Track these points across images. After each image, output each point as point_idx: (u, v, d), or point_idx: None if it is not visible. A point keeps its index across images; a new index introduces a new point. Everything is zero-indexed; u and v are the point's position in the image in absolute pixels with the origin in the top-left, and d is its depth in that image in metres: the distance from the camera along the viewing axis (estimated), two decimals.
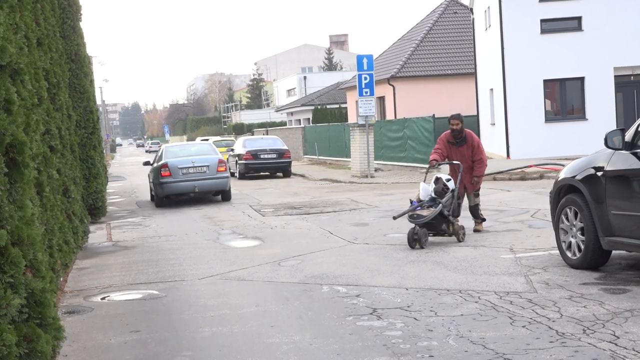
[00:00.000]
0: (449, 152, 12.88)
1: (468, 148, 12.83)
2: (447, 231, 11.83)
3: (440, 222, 11.72)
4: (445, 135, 12.99)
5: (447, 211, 11.73)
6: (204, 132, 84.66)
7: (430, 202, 11.75)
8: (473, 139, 12.92)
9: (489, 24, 34.23)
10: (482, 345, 6.34)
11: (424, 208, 11.67)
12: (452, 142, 12.88)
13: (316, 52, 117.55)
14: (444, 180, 12.07)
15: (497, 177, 23.46)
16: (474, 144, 12.85)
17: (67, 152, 12.45)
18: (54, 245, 8.86)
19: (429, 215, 11.47)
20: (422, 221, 11.47)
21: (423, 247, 11.34)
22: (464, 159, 12.77)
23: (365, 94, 27.87)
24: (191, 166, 22.00)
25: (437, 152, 12.82)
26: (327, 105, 60.10)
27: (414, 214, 11.60)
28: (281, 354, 6.50)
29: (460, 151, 12.83)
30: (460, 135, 12.83)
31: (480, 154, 12.86)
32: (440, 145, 12.92)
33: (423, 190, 12.05)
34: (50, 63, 11.15)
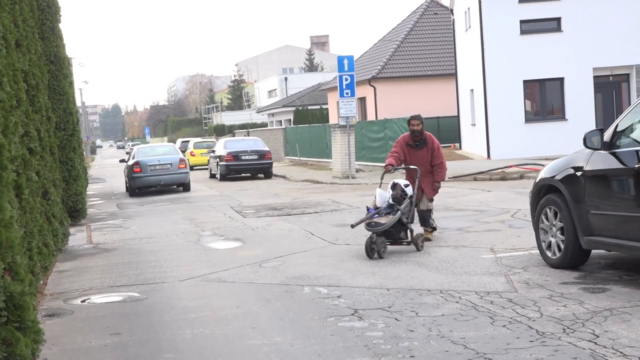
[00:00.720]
0: (407, 156, 12.22)
1: (428, 151, 12.19)
2: (405, 239, 11.25)
3: (399, 230, 11.14)
4: (404, 138, 12.36)
5: (406, 219, 11.16)
6: (184, 134, 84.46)
7: (388, 209, 11.16)
8: (433, 141, 12.27)
9: (469, 24, 34.37)
10: (462, 345, 6.36)
11: (381, 215, 11.04)
12: (411, 145, 12.22)
13: (297, 53, 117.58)
14: (402, 186, 11.50)
15: (477, 177, 23.55)
16: (434, 147, 12.21)
17: (47, 154, 12.38)
18: (33, 248, 8.81)
19: (387, 223, 10.84)
20: (380, 229, 10.83)
21: (382, 257, 10.71)
22: (422, 162, 12.15)
23: (346, 94, 27.90)
24: (157, 164, 27.37)
25: (393, 155, 12.12)
26: (308, 106, 60.16)
27: (372, 222, 10.95)
28: (262, 355, 6.49)
29: (419, 154, 12.19)
30: (420, 137, 12.19)
31: (441, 157, 12.28)
32: (397, 149, 12.24)
33: (379, 196, 11.47)
34: (29, 65, 11.09)
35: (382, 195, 11.48)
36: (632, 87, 31.13)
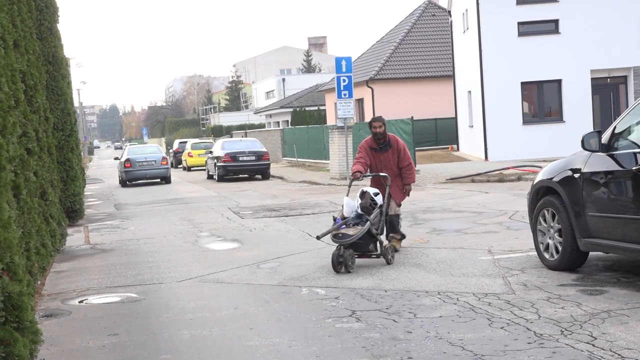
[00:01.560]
0: (372, 160, 11.57)
1: (393, 153, 11.55)
2: (374, 252, 10.47)
3: (368, 241, 10.34)
4: (367, 142, 11.67)
5: (375, 229, 10.38)
6: (182, 134, 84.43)
7: (356, 220, 10.38)
8: (398, 143, 11.65)
9: (466, 26, 34.42)
10: (460, 347, 6.36)
11: (349, 226, 10.24)
12: (375, 149, 11.58)
13: (295, 54, 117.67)
14: (372, 195, 10.71)
15: (475, 179, 23.56)
16: (399, 149, 11.58)
17: (45, 155, 12.38)
18: (31, 248, 8.81)
19: (356, 234, 10.02)
20: (348, 241, 10.00)
21: (350, 271, 9.91)
22: (389, 165, 11.52)
23: (344, 96, 27.89)
24: (145, 160, 33.87)
25: (359, 161, 11.41)
26: (306, 107, 60.17)
27: (339, 234, 10.11)
28: (260, 356, 6.49)
29: (384, 158, 11.55)
30: (383, 140, 11.55)
31: (408, 158, 11.66)
32: (362, 154, 11.54)
33: (347, 205, 10.66)
34: (27, 65, 11.08)
35: (349, 205, 10.68)
36: (629, 89, 31.21)
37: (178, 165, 52.31)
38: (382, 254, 10.39)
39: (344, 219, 10.49)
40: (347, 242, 10.04)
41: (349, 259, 9.99)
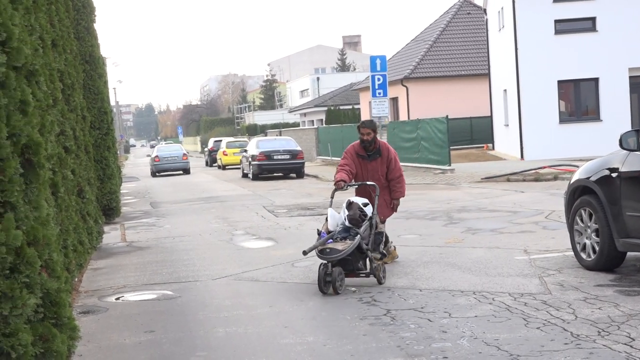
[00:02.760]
0: (359, 169, 10.46)
1: (382, 163, 10.47)
2: (363, 270, 9.25)
3: (357, 258, 9.17)
4: (354, 148, 10.55)
5: (366, 244, 9.21)
6: (217, 133, 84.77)
7: (344, 233, 9.21)
8: (389, 151, 10.55)
9: (502, 24, 34.17)
10: (496, 347, 6.32)
11: (336, 241, 9.06)
12: (362, 156, 10.45)
13: (329, 53, 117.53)
14: (360, 205, 9.58)
15: (511, 178, 23.40)
16: (390, 158, 10.48)
17: (82, 153, 12.50)
18: (68, 246, 8.90)
19: (346, 249, 8.82)
20: (337, 257, 8.78)
21: (339, 293, 8.74)
22: (376, 176, 10.42)
23: (378, 94, 27.85)
24: (169, 156, 43.99)
25: (344, 169, 10.27)
26: (340, 106, 60.13)
27: (326, 249, 8.88)
28: (295, 354, 6.50)
29: (372, 167, 10.45)
30: (372, 147, 10.42)
31: (399, 170, 10.60)
32: (347, 161, 10.42)
33: (332, 218, 9.52)
34: (64, 64, 11.20)
35: (335, 217, 9.54)
36: None
37: (213, 164, 52.51)
38: (373, 272, 9.15)
39: (329, 232, 9.32)
40: (336, 258, 8.78)
41: (338, 278, 8.79)
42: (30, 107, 5.17)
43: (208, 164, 54.35)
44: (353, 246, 8.91)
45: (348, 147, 10.65)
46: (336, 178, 10.13)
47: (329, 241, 9.06)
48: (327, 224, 9.48)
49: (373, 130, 10.38)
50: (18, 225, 4.77)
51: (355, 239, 9.02)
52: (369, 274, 9.19)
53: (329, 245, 8.95)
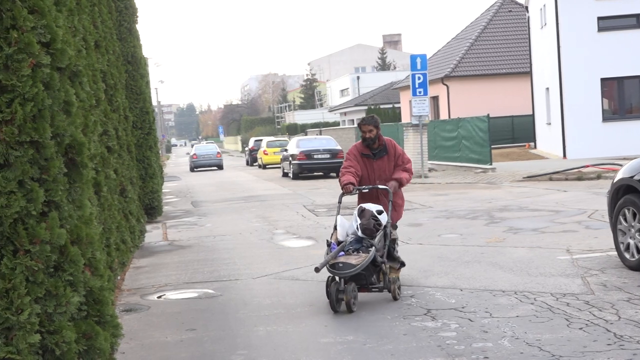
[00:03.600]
0: (364, 169, 9.40)
1: (390, 161, 9.40)
2: (376, 284, 8.41)
3: (371, 272, 8.32)
4: (357, 147, 9.54)
5: (380, 257, 8.35)
6: (257, 133, 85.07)
7: (356, 244, 8.38)
8: (395, 148, 9.50)
9: (544, 22, 33.84)
10: (538, 347, 6.27)
11: (349, 253, 8.23)
12: (367, 155, 9.40)
13: (369, 52, 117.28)
14: (374, 213, 8.71)
15: (553, 177, 23.17)
16: (397, 154, 9.46)
17: (124, 153, 12.62)
18: (111, 244, 9.00)
19: (360, 263, 7.99)
20: (351, 272, 7.95)
21: (352, 311, 7.95)
22: (384, 175, 9.35)
23: (418, 93, 27.75)
24: (205, 154, 50.97)
25: (349, 171, 9.19)
26: (381, 105, 59.98)
27: (338, 263, 8.03)
28: (335, 353, 6.51)
29: (378, 166, 9.37)
30: (376, 145, 9.39)
31: (408, 162, 9.51)
32: (351, 162, 9.37)
33: (341, 227, 8.76)
34: (107, 65, 11.32)
35: (344, 226, 8.80)
36: None
37: (254, 163, 52.70)
38: (387, 286, 8.37)
39: (339, 243, 8.55)
40: (349, 273, 7.97)
41: (351, 295, 7.99)
42: (74, 107, 5.24)
43: (249, 163, 54.55)
44: (368, 260, 8.06)
45: (350, 148, 9.64)
46: (342, 181, 9.06)
47: (341, 254, 8.22)
48: (337, 234, 8.70)
49: (375, 127, 9.35)
50: (62, 224, 4.83)
51: (369, 251, 8.20)
52: (383, 289, 8.40)
53: (341, 259, 8.07)
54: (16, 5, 4.48)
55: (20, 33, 4.48)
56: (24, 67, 4.47)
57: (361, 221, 8.59)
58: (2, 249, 4.46)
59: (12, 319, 4.38)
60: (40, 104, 4.60)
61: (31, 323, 4.45)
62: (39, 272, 4.54)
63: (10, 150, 4.43)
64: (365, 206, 8.82)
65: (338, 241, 8.58)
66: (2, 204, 4.37)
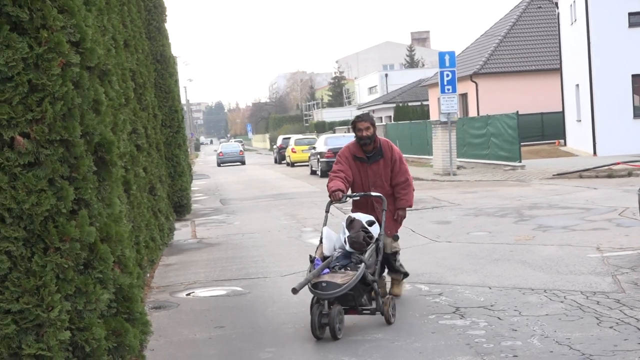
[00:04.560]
0: (357, 174, 8.37)
1: (386, 165, 8.36)
2: (367, 306, 7.34)
3: (361, 292, 7.23)
4: (350, 149, 8.48)
5: (372, 274, 7.28)
6: (286, 131, 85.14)
7: (344, 260, 7.33)
8: (393, 151, 8.43)
9: (574, 18, 33.55)
10: (567, 346, 6.22)
11: (335, 271, 7.14)
12: (360, 158, 8.36)
13: (397, 49, 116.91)
14: (365, 224, 7.60)
15: (583, 174, 22.98)
16: (394, 158, 8.38)
17: (153, 151, 12.69)
18: (141, 242, 9.05)
19: (347, 283, 6.89)
20: (336, 293, 6.85)
21: (337, 338, 6.90)
22: (379, 182, 8.34)
23: (447, 91, 27.63)
24: (230, 152, 57.85)
25: (338, 176, 8.19)
26: (409, 102, 59.83)
27: (321, 282, 6.92)
28: (363, 351, 6.50)
29: (373, 171, 8.34)
30: (372, 147, 8.36)
31: (405, 173, 8.45)
32: (342, 165, 8.34)
33: (328, 239, 7.66)
34: (136, 64, 11.39)
35: (331, 238, 7.71)
36: None
37: (282, 161, 52.75)
38: (379, 309, 7.28)
39: (325, 258, 7.45)
40: (334, 294, 6.86)
41: (336, 319, 6.92)
42: (103, 106, 5.27)
43: (277, 161, 54.63)
44: (356, 278, 6.93)
45: (342, 149, 8.60)
46: (330, 188, 8.04)
47: (325, 271, 7.08)
48: (322, 248, 7.60)
49: (372, 125, 8.33)
50: (92, 221, 4.87)
51: (358, 268, 7.08)
52: (375, 311, 7.32)
53: (326, 278, 6.94)
54: (46, 5, 4.52)
55: (50, 32, 4.52)
56: (54, 67, 4.51)
57: (349, 233, 7.44)
58: (32, 246, 4.51)
59: (43, 316, 4.42)
60: (70, 103, 4.64)
61: (61, 320, 4.49)
62: (69, 269, 4.59)
63: (40, 149, 4.47)
64: (355, 216, 7.76)
65: (323, 256, 7.46)
66: (32, 202, 4.41)
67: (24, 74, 4.41)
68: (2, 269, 4.41)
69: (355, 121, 8.41)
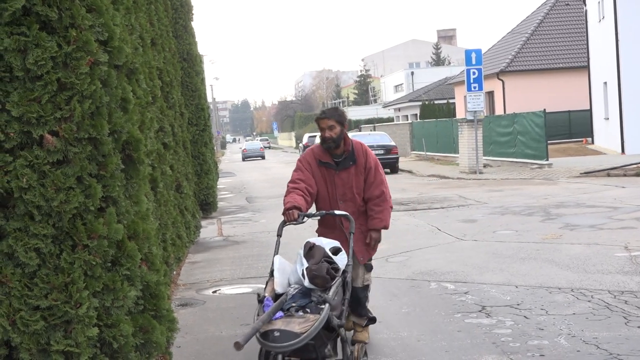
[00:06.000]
0: (322, 184, 6.66)
1: (358, 174, 6.64)
2: (333, 357, 5.57)
3: (324, 340, 5.35)
4: (313, 153, 6.70)
5: (338, 317, 5.46)
6: (311, 129, 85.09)
7: (302, 299, 5.44)
8: (367, 156, 6.71)
9: (602, 15, 33.27)
10: (595, 345, 6.18)
11: (291, 314, 5.24)
12: (326, 164, 6.60)
13: (424, 47, 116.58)
14: (328, 252, 5.85)
15: (611, 173, 22.79)
16: (368, 165, 6.67)
17: (180, 149, 12.76)
18: (167, 240, 9.10)
19: (307, 332, 4.93)
20: (293, 345, 4.92)
21: None
22: (349, 194, 6.63)
23: (473, 89, 27.53)
24: (252, 148, 70.78)
25: (296, 188, 6.47)
26: (435, 100, 59.63)
27: (273, 332, 5.01)
28: (389, 349, 6.50)
29: (342, 180, 6.61)
30: (340, 150, 6.59)
31: (381, 184, 6.66)
32: (303, 173, 6.61)
33: (280, 272, 5.86)
34: (163, 62, 11.45)
35: (285, 271, 5.93)
36: None
37: None
38: None
39: (278, 297, 5.58)
40: (290, 347, 4.94)
41: None
42: (131, 104, 5.31)
43: None
44: (319, 324, 5.00)
45: (305, 152, 6.81)
46: (285, 204, 6.34)
47: (279, 314, 5.20)
48: (273, 282, 5.73)
49: (339, 123, 6.52)
50: (119, 219, 4.91)
51: (321, 310, 5.20)
52: None
53: (279, 325, 5.04)
54: (75, 4, 4.55)
55: (78, 31, 4.56)
56: (82, 65, 4.54)
57: (309, 264, 5.65)
58: (61, 243, 4.55)
59: (71, 313, 4.46)
60: (98, 101, 4.68)
61: (89, 317, 4.53)
62: (97, 266, 4.62)
63: (69, 147, 4.51)
64: (316, 242, 6.03)
65: (275, 294, 5.60)
66: (61, 200, 4.45)
67: (52, 72, 4.45)
68: (31, 266, 4.46)
69: (318, 118, 6.60)
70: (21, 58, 4.38)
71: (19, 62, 4.37)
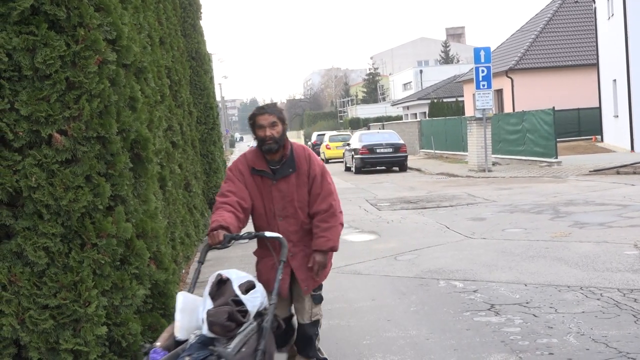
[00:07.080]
0: (256, 197, 5.49)
1: (300, 184, 5.53)
2: None
3: None
4: (246, 159, 5.57)
5: None
6: (320, 127, 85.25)
7: (200, 351, 4.09)
8: (311, 161, 5.61)
9: (611, 12, 33.16)
10: (604, 344, 6.17)
11: None
12: (261, 172, 5.47)
13: (432, 45, 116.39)
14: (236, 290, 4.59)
15: (620, 170, 22.71)
16: (312, 174, 5.57)
17: (188, 148, 12.77)
18: (176, 238, 9.12)
19: None
20: None
21: None
22: (290, 209, 5.52)
23: (482, 87, 27.48)
24: None
25: (226, 203, 5.30)
26: (444, 98, 59.55)
27: None
28: (397, 348, 6.50)
29: (281, 192, 5.49)
30: (278, 156, 5.49)
31: (329, 196, 5.57)
32: (234, 185, 5.42)
33: (185, 313, 4.46)
34: (172, 61, 11.46)
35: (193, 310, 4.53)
36: None
37: None
38: None
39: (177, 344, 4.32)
40: None
41: None
42: (139, 103, 5.32)
43: None
44: None
45: (236, 160, 5.65)
46: (212, 223, 5.18)
47: None
48: (174, 326, 4.40)
49: (281, 120, 5.46)
50: (128, 218, 4.92)
51: None
52: None
53: None
54: (83, 4, 4.56)
55: (87, 30, 4.57)
56: (90, 64, 4.56)
57: (215, 306, 4.41)
58: (70, 242, 4.56)
59: (80, 311, 4.48)
60: (107, 100, 4.69)
61: (98, 315, 4.54)
62: (106, 265, 4.64)
63: (77, 146, 4.53)
64: (228, 275, 4.78)
65: (175, 341, 4.35)
66: (70, 199, 4.46)
67: (61, 71, 4.46)
68: (40, 265, 4.47)
69: (255, 114, 5.47)
70: (30, 57, 4.39)
71: (27, 61, 4.39)
